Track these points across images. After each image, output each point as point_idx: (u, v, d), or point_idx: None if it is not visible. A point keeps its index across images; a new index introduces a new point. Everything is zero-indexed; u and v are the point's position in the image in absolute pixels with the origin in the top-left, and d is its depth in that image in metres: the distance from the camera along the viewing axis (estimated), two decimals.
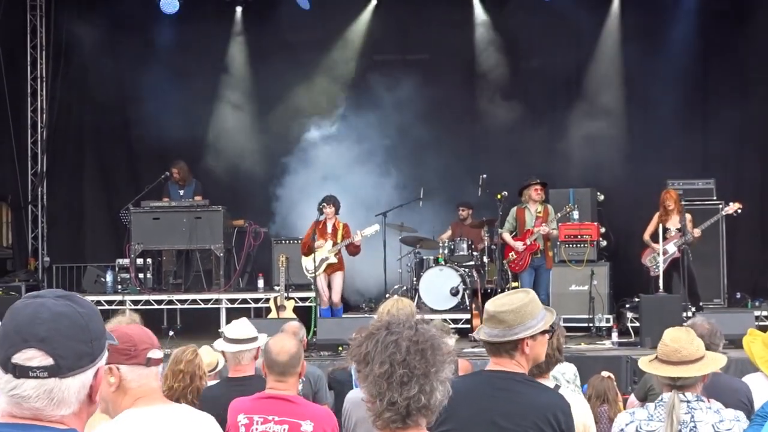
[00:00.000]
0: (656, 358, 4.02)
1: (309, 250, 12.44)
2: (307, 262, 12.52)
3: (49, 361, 1.93)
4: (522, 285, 12.55)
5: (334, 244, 12.44)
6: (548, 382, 4.22)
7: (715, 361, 4.01)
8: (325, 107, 15.00)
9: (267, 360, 4.69)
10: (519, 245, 12.48)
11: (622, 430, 4.00)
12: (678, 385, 3.90)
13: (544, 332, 3.64)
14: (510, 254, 12.71)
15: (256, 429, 4.57)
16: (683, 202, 12.60)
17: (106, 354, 2.04)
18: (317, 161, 14.72)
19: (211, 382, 6.81)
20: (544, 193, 12.69)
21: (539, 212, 12.58)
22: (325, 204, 12.45)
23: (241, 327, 6.01)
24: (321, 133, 14.86)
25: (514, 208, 12.77)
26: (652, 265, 12.08)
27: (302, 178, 14.53)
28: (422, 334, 2.53)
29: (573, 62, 15.33)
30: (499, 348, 3.57)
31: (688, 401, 3.88)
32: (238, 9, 15.54)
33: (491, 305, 3.64)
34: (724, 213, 12.38)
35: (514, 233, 12.69)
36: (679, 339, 3.98)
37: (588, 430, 4.19)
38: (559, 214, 12.65)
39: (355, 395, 4.75)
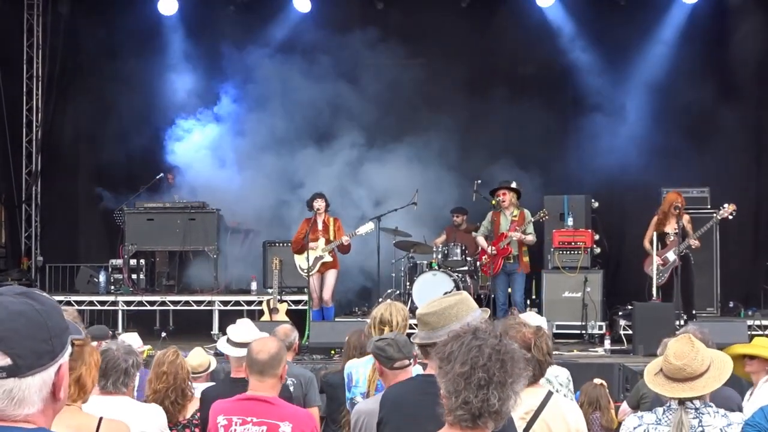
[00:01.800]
0: (661, 371, 3.96)
1: (301, 248, 12.38)
2: (300, 261, 12.47)
3: (6, 361, 1.90)
4: (494, 290, 12.55)
5: (327, 241, 12.39)
6: (541, 389, 4.21)
7: (721, 371, 3.94)
8: (322, 109, 14.97)
9: (248, 359, 4.74)
10: (491, 249, 12.45)
11: None
12: (684, 399, 3.89)
13: None
14: (483, 258, 12.69)
15: (235, 430, 4.60)
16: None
17: (69, 349, 2.01)
18: (303, 164, 14.74)
19: (205, 384, 6.81)
20: (513, 197, 12.54)
21: (515, 216, 12.52)
22: (315, 199, 12.39)
23: (245, 330, 6.11)
24: (316, 133, 14.90)
25: (490, 212, 12.75)
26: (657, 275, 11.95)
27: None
28: (505, 345, 2.67)
29: (568, 68, 15.32)
30: (428, 350, 3.63)
31: (696, 408, 3.87)
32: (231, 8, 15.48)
33: (421, 308, 3.75)
34: (719, 216, 12.27)
35: (489, 237, 12.66)
36: (683, 354, 3.90)
37: None
38: (533, 219, 12.59)
39: (369, 406, 4.58)
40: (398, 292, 13.69)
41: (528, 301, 13.04)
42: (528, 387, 4.11)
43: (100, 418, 3.46)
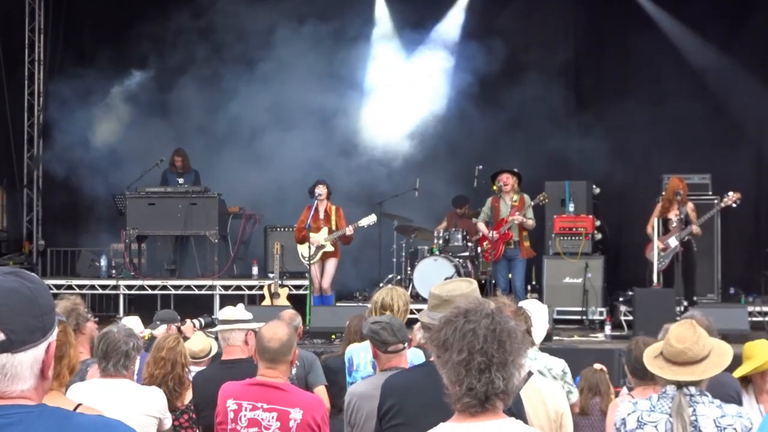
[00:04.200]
0: (661, 354, 3.95)
1: (303, 237, 12.37)
2: (303, 249, 12.46)
3: (0, 336, 1.93)
4: (496, 276, 12.53)
5: (330, 231, 12.36)
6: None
7: (721, 358, 3.94)
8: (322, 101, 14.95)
9: (258, 346, 4.70)
10: (492, 234, 12.45)
11: (623, 419, 3.97)
12: (683, 383, 3.89)
13: None
14: (484, 244, 12.68)
15: (245, 416, 4.59)
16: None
17: (56, 329, 2.05)
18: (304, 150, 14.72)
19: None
20: (515, 181, 12.50)
21: (515, 201, 12.47)
22: (317, 185, 12.37)
23: (232, 310, 6.12)
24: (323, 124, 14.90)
25: (489, 198, 12.70)
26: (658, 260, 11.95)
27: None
28: (499, 323, 2.60)
29: (570, 55, 15.30)
30: None
31: (691, 395, 3.86)
32: None
33: (440, 290, 3.72)
34: (723, 204, 12.23)
35: (489, 223, 12.64)
36: (684, 338, 3.90)
37: (561, 418, 4.18)
38: (533, 203, 12.57)
39: (362, 388, 4.66)
40: (399, 277, 13.71)
41: (528, 287, 13.05)
42: None
43: (78, 404, 3.46)
